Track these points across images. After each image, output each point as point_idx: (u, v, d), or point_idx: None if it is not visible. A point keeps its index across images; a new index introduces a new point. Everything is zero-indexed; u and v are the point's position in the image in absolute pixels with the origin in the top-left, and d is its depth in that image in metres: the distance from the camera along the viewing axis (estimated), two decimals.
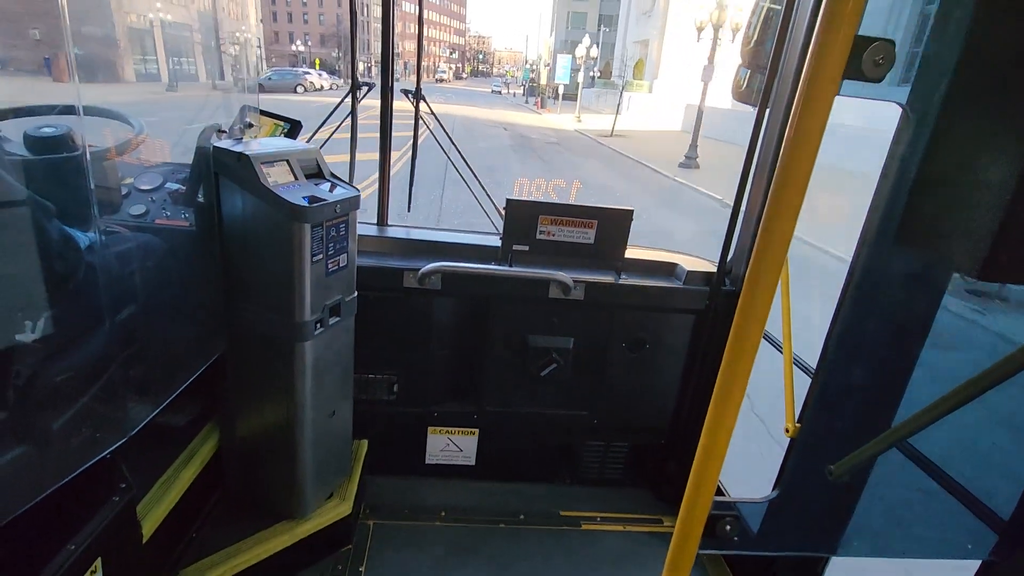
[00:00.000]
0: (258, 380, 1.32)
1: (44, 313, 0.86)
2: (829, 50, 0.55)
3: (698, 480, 0.75)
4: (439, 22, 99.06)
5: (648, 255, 1.76)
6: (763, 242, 0.63)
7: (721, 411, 0.71)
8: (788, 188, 0.60)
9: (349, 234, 1.27)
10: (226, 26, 1.44)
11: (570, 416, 1.84)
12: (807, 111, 0.57)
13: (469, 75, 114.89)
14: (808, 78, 0.57)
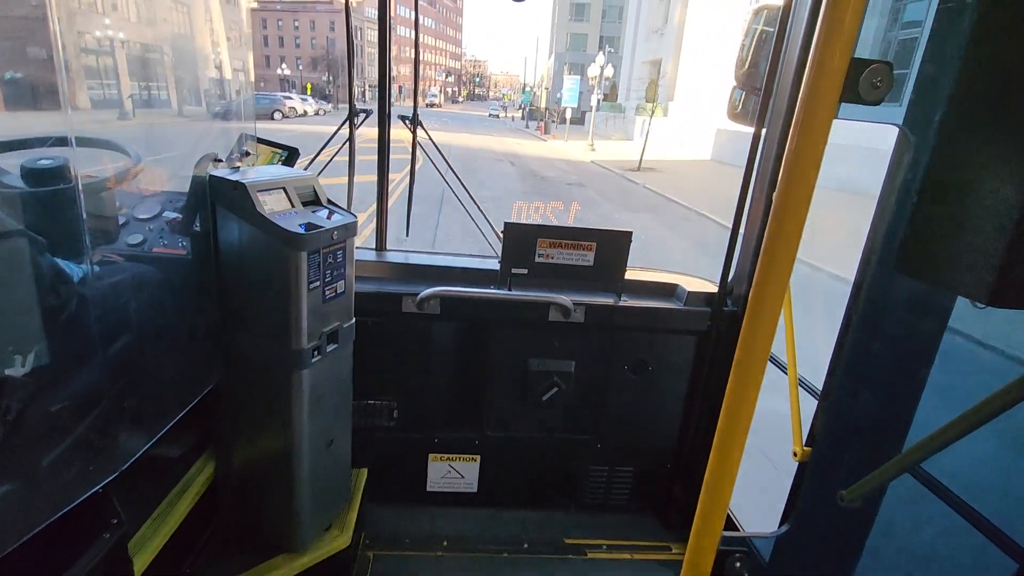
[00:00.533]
0: (254, 410, 1.34)
1: (34, 347, 0.88)
2: (826, 72, 0.57)
3: (706, 512, 0.76)
4: (435, 46, 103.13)
5: (648, 276, 1.82)
6: (765, 265, 0.65)
7: (727, 440, 0.72)
8: (788, 212, 0.62)
9: (347, 260, 1.32)
10: (201, 48, 1.49)
11: (573, 441, 1.87)
12: (805, 135, 0.59)
13: (465, 98, 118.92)
14: (805, 101, 0.59)
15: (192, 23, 1.44)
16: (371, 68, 68.45)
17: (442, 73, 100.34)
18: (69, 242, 1.01)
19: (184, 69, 1.48)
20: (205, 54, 1.48)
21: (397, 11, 26.38)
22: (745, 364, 0.69)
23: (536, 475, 1.92)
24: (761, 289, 0.66)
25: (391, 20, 1.61)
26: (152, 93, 1.55)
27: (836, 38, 0.56)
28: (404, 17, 59.07)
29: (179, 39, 1.50)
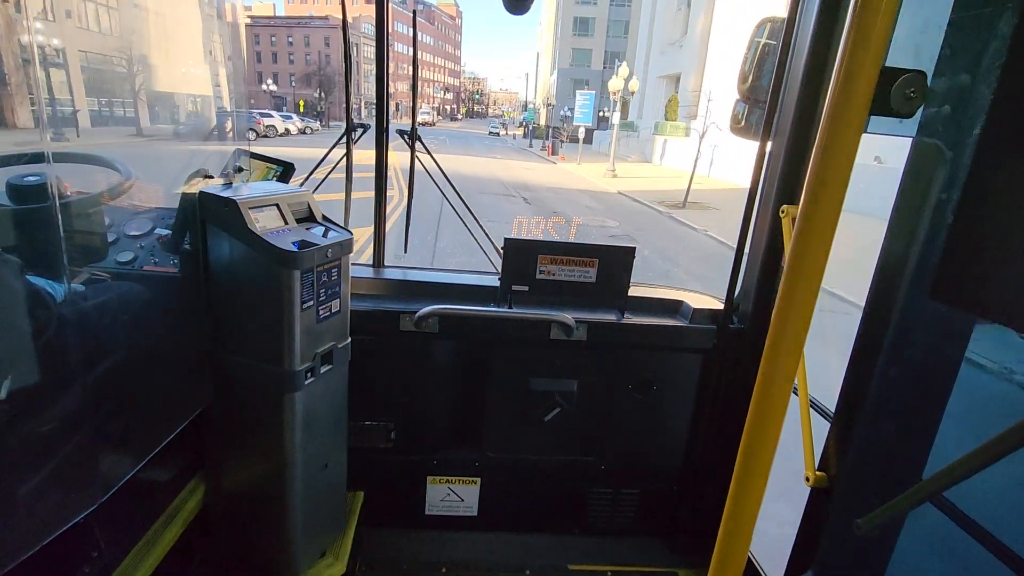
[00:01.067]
0: (245, 433, 1.36)
1: (10, 373, 0.89)
2: (855, 83, 0.55)
3: (724, 555, 0.75)
4: (433, 63, 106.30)
5: (652, 293, 1.85)
6: (789, 286, 0.64)
7: (751, 469, 0.72)
8: (815, 231, 0.61)
9: (342, 278, 1.34)
10: (160, 61, 1.50)
11: (576, 462, 1.88)
12: (832, 150, 0.58)
13: (464, 116, 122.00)
14: (832, 114, 0.57)
15: (161, 37, 1.46)
16: (367, 84, 70.33)
17: (440, 90, 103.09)
18: (57, 260, 1.04)
19: (137, 82, 1.48)
20: (170, 66, 1.50)
21: (395, 27, 26.17)
22: (768, 389, 0.68)
23: (539, 498, 1.92)
24: (785, 312, 0.66)
25: (389, 36, 1.70)
26: (114, 110, 1.58)
27: (866, 45, 0.54)
28: (402, 33, 60.74)
29: (144, 53, 1.53)
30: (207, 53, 1.55)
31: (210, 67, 1.54)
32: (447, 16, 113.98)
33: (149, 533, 1.29)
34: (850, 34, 0.55)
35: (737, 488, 0.76)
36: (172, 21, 1.52)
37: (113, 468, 1.06)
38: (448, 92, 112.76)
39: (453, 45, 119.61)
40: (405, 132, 1.71)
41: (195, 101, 1.44)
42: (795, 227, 0.64)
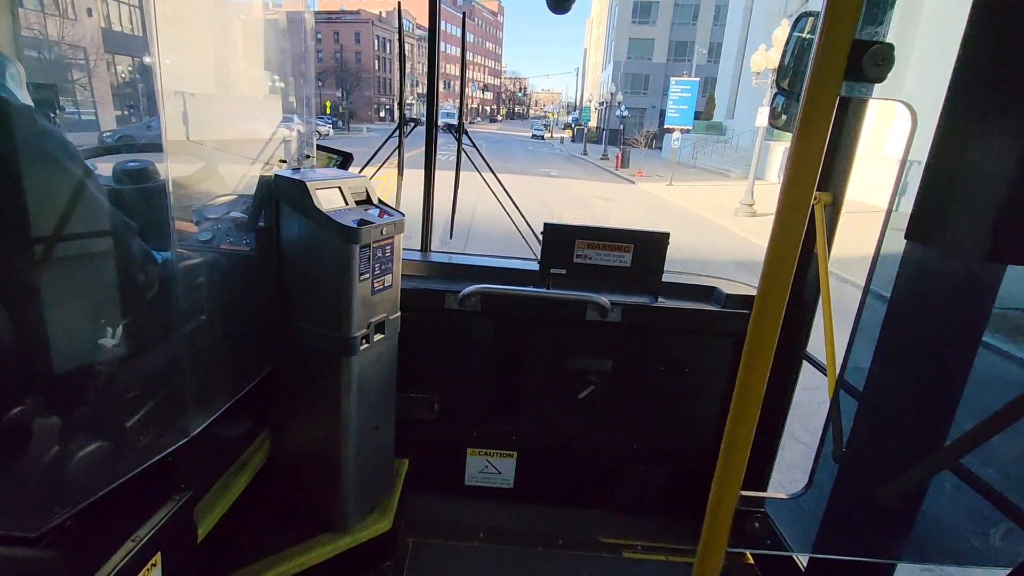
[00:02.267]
0: (306, 394, 1.71)
1: (123, 321, 1.22)
2: (830, 53, 0.71)
3: (723, 476, 0.95)
4: (473, 60, 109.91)
5: (686, 279, 2.13)
6: (775, 246, 0.81)
7: (740, 416, 0.92)
8: (796, 199, 0.78)
9: (395, 256, 1.68)
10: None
11: (609, 440, 2.19)
12: (811, 113, 0.74)
13: (504, 117, 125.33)
14: (811, 82, 0.76)
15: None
16: (419, 86, 72.91)
17: (478, 88, 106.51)
18: (154, 232, 1.39)
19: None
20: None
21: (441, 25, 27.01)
22: (751, 356, 0.89)
23: (572, 473, 2.23)
24: (769, 279, 0.83)
25: (438, 35, 2.04)
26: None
27: (839, 21, 0.71)
28: (446, 32, 62.46)
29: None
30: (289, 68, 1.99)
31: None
32: (489, 12, 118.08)
33: (224, 478, 1.64)
34: (825, 12, 0.74)
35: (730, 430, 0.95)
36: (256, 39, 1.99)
37: (195, 415, 1.38)
38: (488, 91, 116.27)
39: (494, 42, 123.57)
40: (453, 127, 2.06)
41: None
42: (780, 190, 0.81)
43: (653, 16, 53.38)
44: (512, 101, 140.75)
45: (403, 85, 2.07)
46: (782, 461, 2.06)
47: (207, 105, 1.79)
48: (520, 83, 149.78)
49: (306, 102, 1.93)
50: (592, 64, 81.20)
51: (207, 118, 1.76)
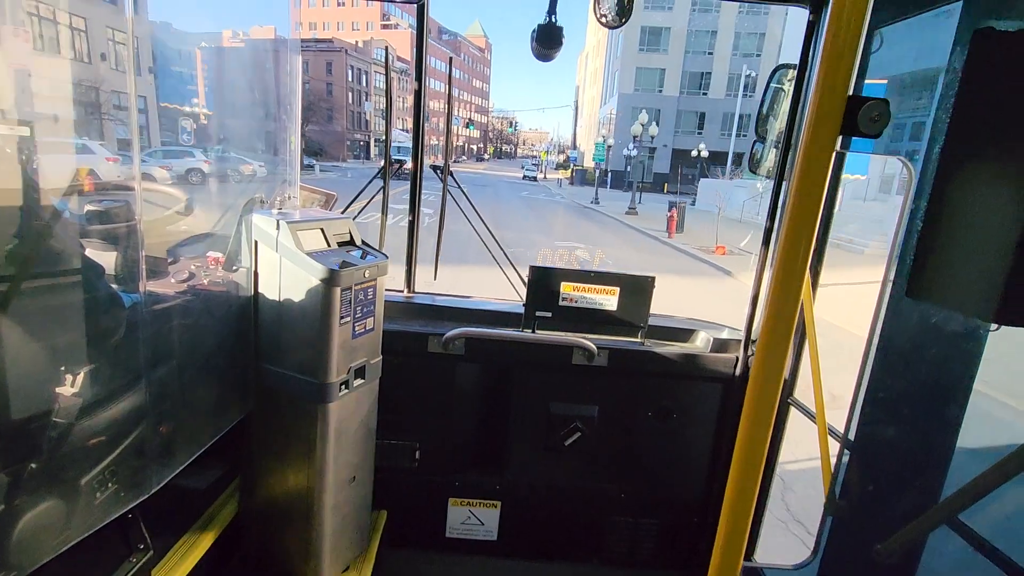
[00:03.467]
0: (281, 441, 1.85)
1: (85, 367, 1.25)
2: (826, 109, 0.82)
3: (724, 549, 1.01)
4: (459, 97, 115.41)
5: (672, 322, 2.37)
6: (775, 303, 0.89)
7: (745, 478, 0.98)
8: (794, 249, 0.86)
9: (377, 298, 1.88)
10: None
11: (596, 489, 2.37)
12: (808, 168, 0.84)
13: (492, 156, 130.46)
14: (807, 138, 0.84)
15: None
16: (377, 120, 74.91)
17: (460, 121, 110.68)
18: (125, 274, 1.55)
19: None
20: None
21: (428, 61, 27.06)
22: (758, 407, 0.96)
23: (558, 525, 2.39)
24: (771, 325, 0.91)
25: (425, 76, 2.32)
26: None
27: (834, 77, 0.82)
28: (433, 68, 64.33)
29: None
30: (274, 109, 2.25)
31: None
32: (476, 48, 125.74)
33: (188, 533, 1.76)
34: (821, 68, 0.83)
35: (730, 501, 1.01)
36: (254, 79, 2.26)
37: (159, 467, 1.49)
38: (472, 125, 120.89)
39: (481, 79, 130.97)
40: (438, 168, 2.32)
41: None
42: (775, 247, 1.05)
43: (664, 43, 51.95)
44: (500, 140, 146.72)
45: (390, 127, 2.35)
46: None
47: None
48: (509, 119, 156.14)
49: (285, 139, 2.16)
50: (589, 99, 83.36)
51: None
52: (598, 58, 72.83)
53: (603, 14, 1.86)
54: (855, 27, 0.82)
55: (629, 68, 53.74)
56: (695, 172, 46.07)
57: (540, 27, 1.92)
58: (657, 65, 52.79)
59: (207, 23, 2.43)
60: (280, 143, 2.12)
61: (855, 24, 0.82)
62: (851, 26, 0.82)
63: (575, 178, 59.25)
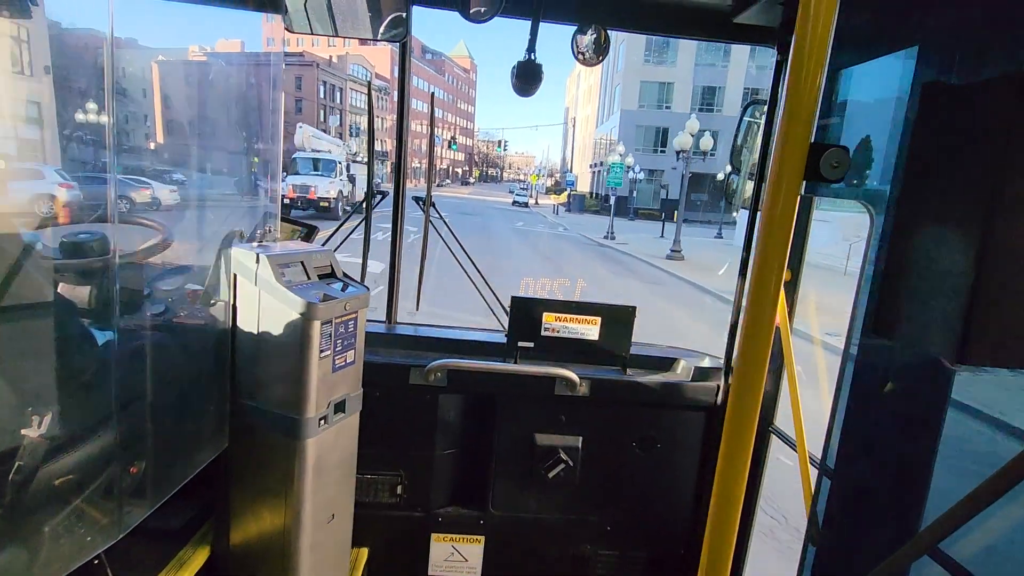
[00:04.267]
0: (257, 479, 1.97)
1: (52, 409, 1.29)
2: (789, 157, 0.94)
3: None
4: (443, 119, 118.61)
5: (654, 351, 2.60)
6: (746, 337, 1.02)
7: (724, 512, 1.09)
8: (765, 286, 1.00)
9: (358, 331, 2.05)
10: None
11: (581, 522, 2.56)
12: (773, 212, 0.96)
13: (477, 179, 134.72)
14: (773, 183, 0.96)
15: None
16: (354, 141, 75.51)
17: (440, 139, 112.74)
18: (99, 310, 1.67)
19: None
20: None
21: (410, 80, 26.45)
22: (736, 436, 1.08)
23: (543, 559, 2.56)
24: (745, 355, 1.04)
25: (407, 105, 2.53)
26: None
27: (796, 126, 0.93)
28: (416, 88, 64.82)
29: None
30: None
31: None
32: (460, 69, 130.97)
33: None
34: (784, 117, 0.95)
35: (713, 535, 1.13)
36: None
37: (130, 509, 1.57)
38: (455, 145, 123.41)
39: (467, 101, 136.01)
40: (420, 199, 2.55)
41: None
42: (749, 279, 1.09)
43: (671, 55, 51.45)
44: (486, 163, 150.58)
45: (372, 157, 2.59)
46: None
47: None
48: (497, 140, 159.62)
49: (263, 163, 2.33)
50: (583, 119, 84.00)
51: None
52: (592, 75, 72.18)
53: (581, 52, 2.15)
54: (815, 75, 0.94)
55: (633, 82, 53.22)
56: (703, 198, 45.29)
57: (520, 64, 2.19)
58: (664, 79, 52.08)
59: (175, 38, 2.66)
60: (250, 169, 2.34)
61: (815, 71, 0.94)
62: (812, 75, 0.94)
63: (572, 204, 58.62)
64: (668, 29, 2.36)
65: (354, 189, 30.42)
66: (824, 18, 0.94)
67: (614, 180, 35.19)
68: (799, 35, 0.95)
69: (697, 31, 2.33)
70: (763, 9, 2.06)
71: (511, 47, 19.59)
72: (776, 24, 2.18)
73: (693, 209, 42.57)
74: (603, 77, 63.63)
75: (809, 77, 0.94)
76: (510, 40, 53.42)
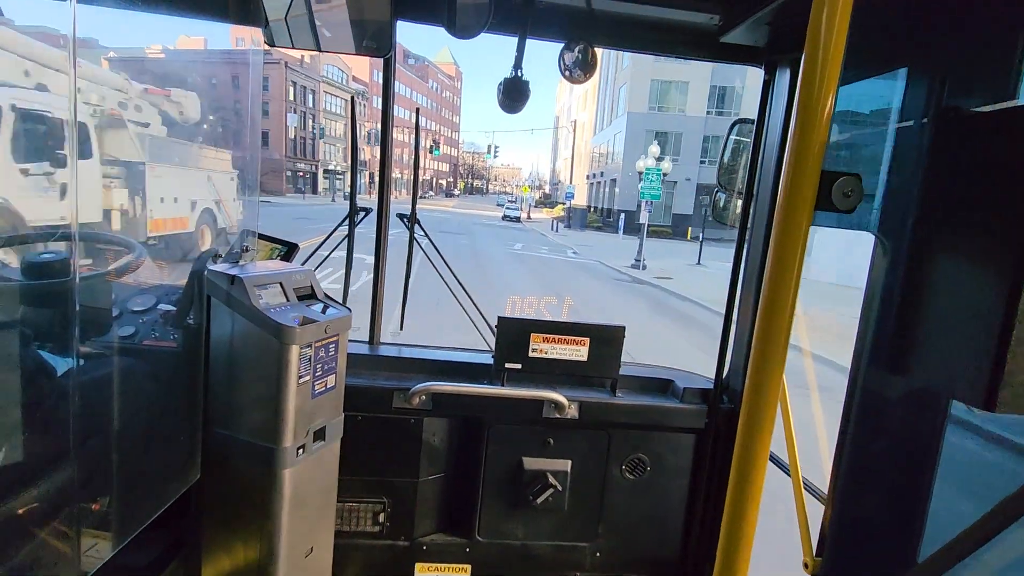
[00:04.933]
0: (231, 513, 2.01)
1: (6, 443, 1.30)
2: (799, 184, 0.97)
3: None
4: (426, 127, 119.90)
5: (643, 371, 2.73)
6: (757, 363, 1.07)
7: (733, 548, 1.17)
8: (775, 313, 1.04)
9: (339, 354, 2.12)
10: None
11: (571, 549, 2.67)
12: (784, 241, 0.99)
13: (463, 191, 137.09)
14: (783, 211, 0.99)
15: None
16: (328, 147, 75.58)
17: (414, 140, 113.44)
18: (61, 334, 1.66)
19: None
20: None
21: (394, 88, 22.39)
22: (745, 464, 1.14)
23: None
24: (756, 386, 1.09)
25: (391, 119, 2.62)
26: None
27: (807, 154, 0.96)
28: (399, 94, 64.30)
29: None
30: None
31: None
32: (445, 76, 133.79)
33: None
34: (793, 144, 0.98)
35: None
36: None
37: (94, 547, 1.60)
38: (434, 146, 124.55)
39: (451, 110, 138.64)
40: (405, 216, 2.68)
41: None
42: (758, 308, 1.13)
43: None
44: (471, 174, 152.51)
45: (355, 171, 2.75)
46: None
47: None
48: (479, 157, 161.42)
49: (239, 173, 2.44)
50: (582, 125, 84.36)
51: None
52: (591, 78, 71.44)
53: (567, 68, 2.32)
54: (826, 100, 0.98)
55: (641, 81, 50.02)
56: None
57: (506, 81, 2.33)
58: (678, 78, 49.55)
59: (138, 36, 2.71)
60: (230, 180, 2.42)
61: (826, 96, 0.98)
62: (823, 100, 0.97)
63: (572, 219, 55.24)
64: (655, 48, 2.49)
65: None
66: (836, 39, 0.98)
67: (651, 191, 28.26)
68: (808, 57, 0.99)
69: (684, 50, 2.46)
70: (750, 29, 2.20)
71: (499, 54, 17.78)
72: (763, 44, 2.34)
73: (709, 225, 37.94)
74: (603, 78, 61.37)
75: (820, 102, 0.98)
76: (500, 47, 54.45)
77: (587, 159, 69.86)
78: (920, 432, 1.50)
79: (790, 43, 2.27)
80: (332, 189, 74.18)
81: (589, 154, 69.08)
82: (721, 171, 2.55)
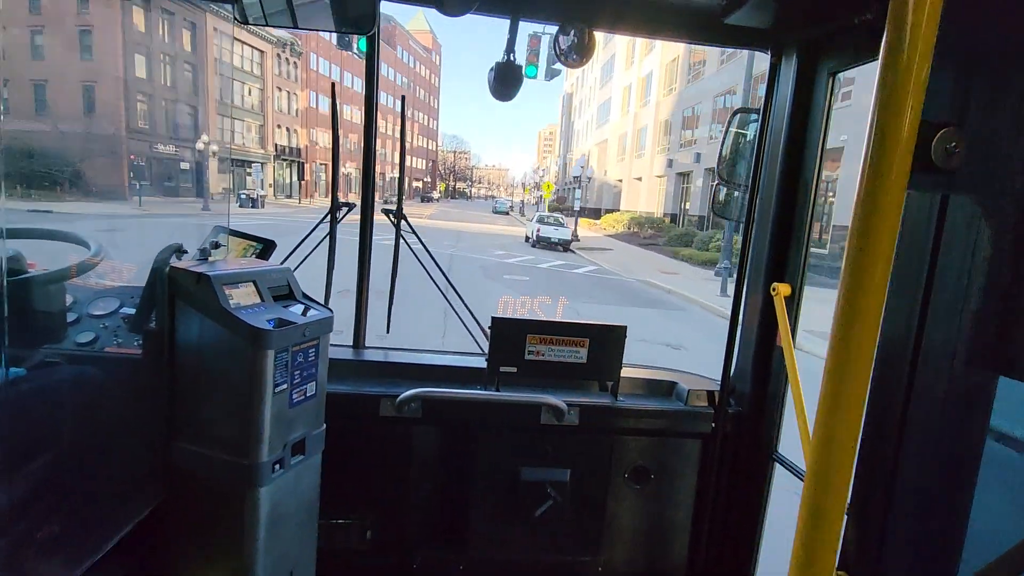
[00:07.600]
0: (201, 536, 1.83)
1: None
2: (894, 138, 0.74)
3: None
4: (391, 108, 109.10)
5: (645, 374, 2.57)
6: (841, 355, 0.85)
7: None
8: (863, 294, 0.82)
9: (320, 359, 1.94)
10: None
11: (571, 563, 2.51)
12: (874, 210, 0.77)
13: (443, 195, 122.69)
14: (872, 173, 0.77)
15: None
16: (283, 132, 71.02)
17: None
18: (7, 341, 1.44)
19: None
20: None
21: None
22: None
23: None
24: (839, 366, 0.87)
25: (376, 109, 2.46)
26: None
27: (903, 95, 0.73)
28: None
29: None
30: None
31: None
32: (420, 47, 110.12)
33: None
34: (886, 81, 0.75)
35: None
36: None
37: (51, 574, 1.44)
38: (407, 142, 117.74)
39: (427, 89, 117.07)
40: (390, 212, 2.50)
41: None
42: (840, 296, 0.85)
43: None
44: (453, 175, 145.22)
45: (337, 164, 2.54)
46: None
47: None
48: (462, 156, 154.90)
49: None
50: (585, 110, 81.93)
51: None
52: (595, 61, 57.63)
53: (562, 52, 2.17)
54: (933, 21, 0.75)
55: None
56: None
57: (499, 65, 2.17)
58: (691, 59, 41.08)
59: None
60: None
61: (931, 18, 0.75)
62: (931, 21, 0.75)
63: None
64: (655, 31, 2.34)
65: None
66: None
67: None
68: None
69: (686, 33, 2.33)
70: (756, 8, 2.04)
71: (483, 40, 16.78)
72: (768, 25, 2.18)
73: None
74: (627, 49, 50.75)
75: (919, 30, 0.75)
76: (490, 34, 51.23)
77: (661, 132, 48.70)
78: (961, 430, 1.34)
79: (799, 22, 2.11)
80: (234, 188, 46.38)
81: (663, 124, 48.05)
82: (721, 163, 2.40)
